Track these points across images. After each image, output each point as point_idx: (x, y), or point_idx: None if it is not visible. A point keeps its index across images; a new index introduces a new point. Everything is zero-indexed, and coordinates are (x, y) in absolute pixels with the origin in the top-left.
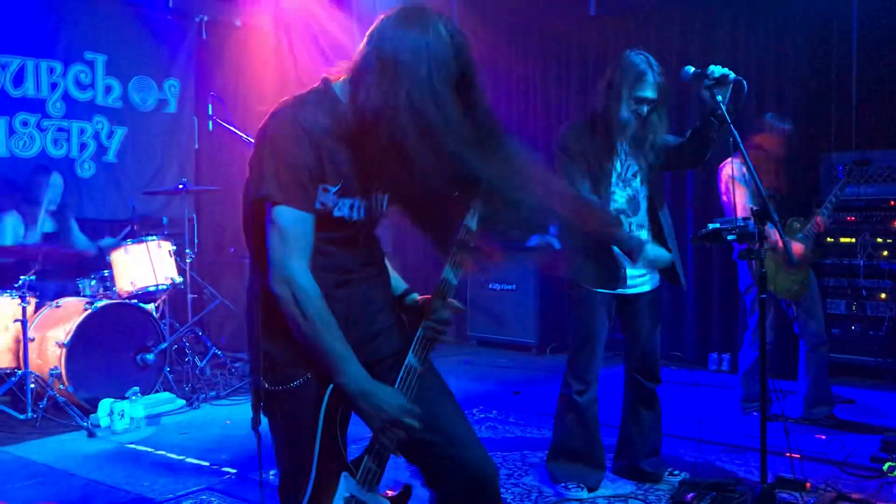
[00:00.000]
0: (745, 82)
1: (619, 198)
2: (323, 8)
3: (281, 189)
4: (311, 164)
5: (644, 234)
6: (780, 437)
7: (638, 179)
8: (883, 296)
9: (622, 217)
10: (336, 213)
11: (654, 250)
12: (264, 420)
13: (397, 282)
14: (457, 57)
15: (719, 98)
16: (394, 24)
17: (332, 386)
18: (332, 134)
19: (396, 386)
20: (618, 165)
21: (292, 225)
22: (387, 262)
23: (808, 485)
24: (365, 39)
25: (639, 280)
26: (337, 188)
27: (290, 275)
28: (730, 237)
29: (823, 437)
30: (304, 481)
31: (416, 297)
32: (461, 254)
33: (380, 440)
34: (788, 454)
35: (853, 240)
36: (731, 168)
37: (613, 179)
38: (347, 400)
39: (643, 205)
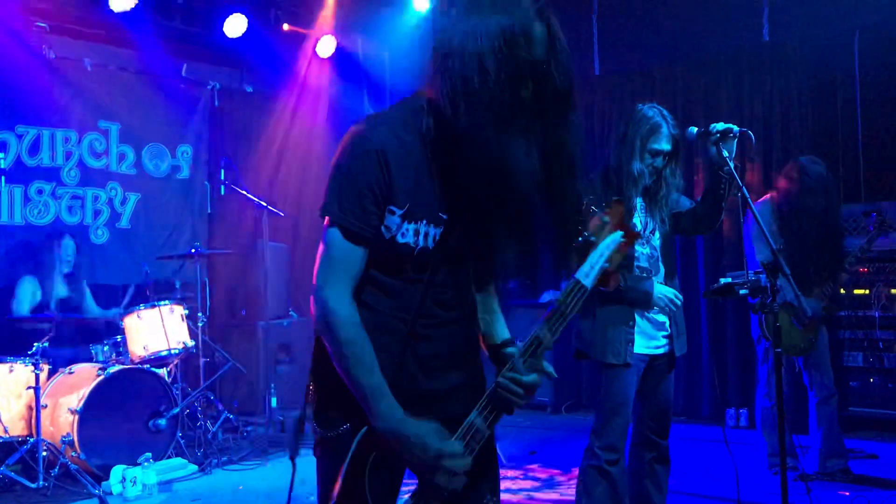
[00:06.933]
0: (751, 134)
1: (641, 256)
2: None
3: (340, 209)
4: (376, 184)
5: None
6: (802, 494)
7: (657, 237)
8: None
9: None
10: (400, 240)
11: (660, 290)
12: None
13: (500, 328)
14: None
15: (725, 153)
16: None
17: (363, 430)
18: (409, 150)
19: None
20: (638, 223)
21: (341, 248)
22: (485, 305)
23: None
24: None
25: (664, 339)
26: (403, 211)
27: (324, 296)
28: (742, 291)
29: (847, 493)
30: None
31: (516, 349)
32: (568, 300)
33: (423, 488)
34: None
35: (867, 291)
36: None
37: None
38: (383, 443)
39: (661, 264)
